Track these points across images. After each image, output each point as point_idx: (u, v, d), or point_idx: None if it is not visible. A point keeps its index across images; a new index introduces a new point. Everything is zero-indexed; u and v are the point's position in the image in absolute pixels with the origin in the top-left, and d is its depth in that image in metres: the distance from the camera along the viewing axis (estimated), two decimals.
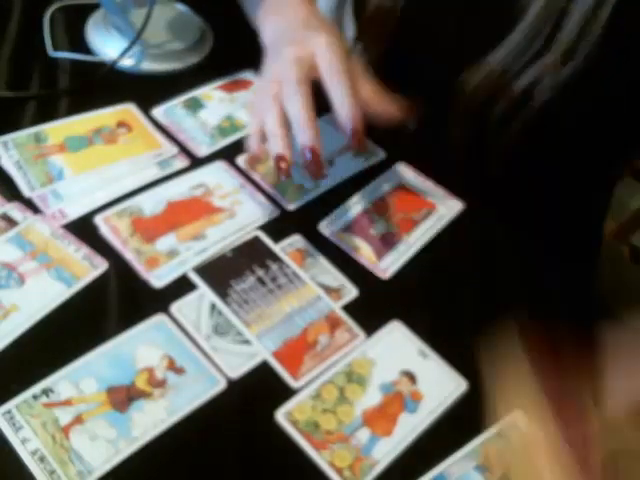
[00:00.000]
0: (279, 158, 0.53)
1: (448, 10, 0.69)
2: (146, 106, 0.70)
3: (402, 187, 0.68)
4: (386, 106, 0.59)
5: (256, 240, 0.61)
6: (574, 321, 0.60)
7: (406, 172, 0.69)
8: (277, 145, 0.54)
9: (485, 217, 0.67)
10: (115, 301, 0.55)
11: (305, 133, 0.53)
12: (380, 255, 0.62)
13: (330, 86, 0.55)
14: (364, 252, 0.61)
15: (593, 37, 0.59)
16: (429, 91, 0.64)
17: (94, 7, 0.78)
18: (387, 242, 0.63)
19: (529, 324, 0.55)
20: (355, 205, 0.65)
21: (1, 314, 0.52)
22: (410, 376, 0.54)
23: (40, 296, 0.54)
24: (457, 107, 0.67)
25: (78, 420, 0.48)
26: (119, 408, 0.49)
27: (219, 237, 0.60)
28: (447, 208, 0.67)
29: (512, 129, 0.65)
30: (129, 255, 0.57)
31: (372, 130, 0.71)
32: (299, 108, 0.53)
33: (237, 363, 0.53)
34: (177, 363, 0.52)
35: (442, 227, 0.65)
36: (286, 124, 0.54)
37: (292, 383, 0.52)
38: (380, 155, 0.71)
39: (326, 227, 0.63)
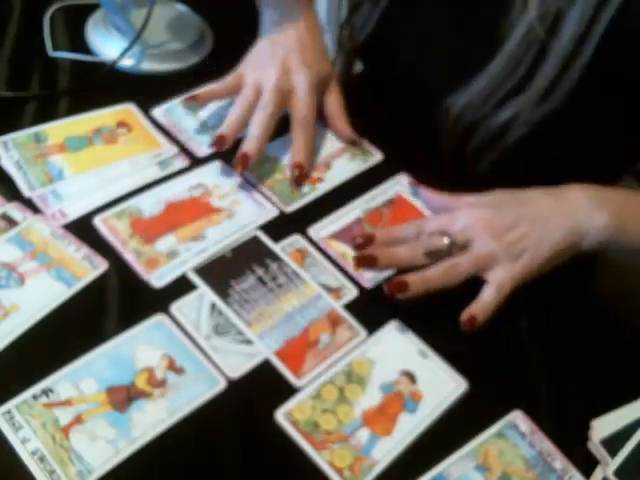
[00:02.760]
0: (222, 137, 0.64)
1: (432, 34, 0.71)
2: (146, 106, 0.70)
3: (400, 199, 0.67)
4: (343, 125, 0.70)
5: (255, 240, 0.61)
6: (573, 322, 0.60)
7: (406, 184, 0.68)
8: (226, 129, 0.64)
9: None
10: (115, 301, 0.55)
11: (250, 143, 0.64)
12: None
13: (295, 133, 0.66)
14: (350, 260, 0.61)
15: (573, 77, 0.60)
16: (416, 108, 0.69)
17: (94, 7, 0.78)
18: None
19: None
20: (348, 213, 0.65)
21: (1, 314, 0.52)
22: (410, 376, 0.54)
23: (40, 296, 0.54)
24: (440, 136, 0.70)
25: (78, 420, 0.48)
26: (119, 408, 0.49)
27: (218, 237, 0.60)
28: None
29: (486, 160, 0.69)
30: (129, 256, 0.57)
31: (370, 131, 0.72)
32: (258, 126, 0.64)
33: (237, 363, 0.53)
34: (177, 363, 0.52)
35: None
36: (243, 124, 0.65)
37: (295, 382, 0.52)
38: (377, 156, 0.70)
39: (315, 232, 0.62)
